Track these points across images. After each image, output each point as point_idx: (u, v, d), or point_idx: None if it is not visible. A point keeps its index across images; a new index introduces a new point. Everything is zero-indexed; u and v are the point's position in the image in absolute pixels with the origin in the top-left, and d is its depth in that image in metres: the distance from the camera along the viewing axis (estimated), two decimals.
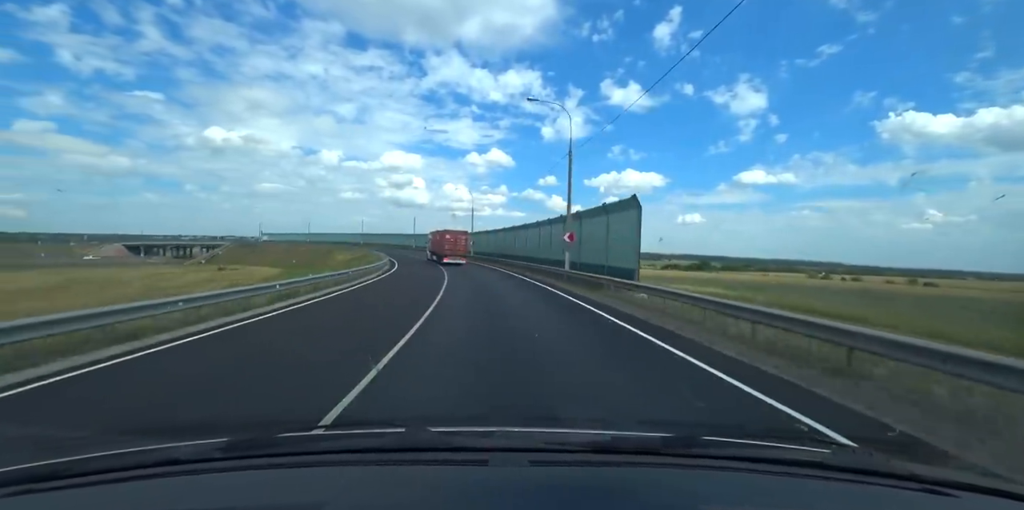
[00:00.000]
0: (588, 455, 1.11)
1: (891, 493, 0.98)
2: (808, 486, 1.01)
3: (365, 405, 4.36)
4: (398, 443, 1.17)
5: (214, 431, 1.27)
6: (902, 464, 1.12)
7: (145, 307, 7.68)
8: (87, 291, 19.62)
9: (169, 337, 7.39)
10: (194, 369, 5.85)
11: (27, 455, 1.08)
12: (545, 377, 5.74)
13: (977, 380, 4.59)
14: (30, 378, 5.13)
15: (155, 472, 1.00)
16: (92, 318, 6.57)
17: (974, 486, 1.01)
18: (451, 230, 37.66)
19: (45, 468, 1.01)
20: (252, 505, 0.88)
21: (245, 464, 1.05)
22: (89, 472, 0.99)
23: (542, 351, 7.26)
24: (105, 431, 3.58)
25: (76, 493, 0.93)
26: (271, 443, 1.19)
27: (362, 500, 0.89)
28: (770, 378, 5.94)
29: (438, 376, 5.70)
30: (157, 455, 1.07)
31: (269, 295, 11.96)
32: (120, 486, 0.95)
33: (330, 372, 5.52)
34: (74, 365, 5.65)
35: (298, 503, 0.88)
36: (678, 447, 1.19)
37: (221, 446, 1.10)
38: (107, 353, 6.25)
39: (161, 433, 1.42)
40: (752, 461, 1.09)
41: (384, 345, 6.79)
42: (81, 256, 77.70)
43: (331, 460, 1.08)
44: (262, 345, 7.41)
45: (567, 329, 9.76)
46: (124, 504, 0.91)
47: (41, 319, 5.95)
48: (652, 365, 6.70)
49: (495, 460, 1.03)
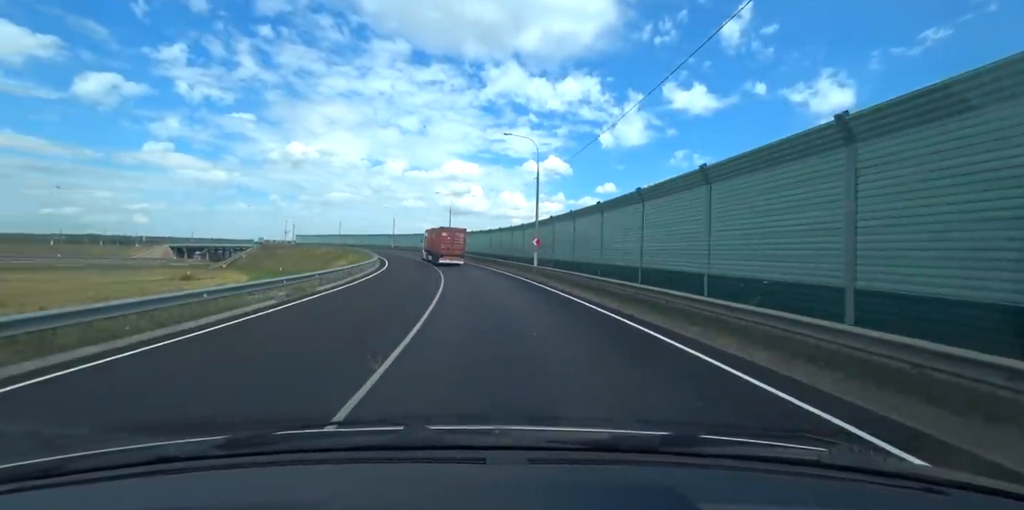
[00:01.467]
0: (586, 453, 1.12)
1: (888, 492, 0.98)
2: (806, 484, 1.01)
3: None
4: (397, 441, 1.17)
5: (212, 429, 1.27)
6: (899, 462, 1.23)
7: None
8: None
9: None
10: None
11: (23, 452, 1.05)
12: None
13: None
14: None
15: (151, 470, 0.98)
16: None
17: (970, 485, 1.00)
18: (448, 228, 34.78)
19: (38, 466, 0.99)
20: (249, 503, 0.87)
21: (243, 462, 1.04)
22: (83, 470, 0.98)
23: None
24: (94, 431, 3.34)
25: (69, 491, 0.92)
26: (269, 441, 1.18)
27: (360, 498, 0.89)
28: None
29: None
30: (153, 453, 1.06)
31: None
32: (114, 484, 0.94)
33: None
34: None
35: (296, 501, 0.86)
36: (676, 446, 1.18)
37: (219, 444, 1.09)
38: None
39: (158, 431, 1.39)
40: (750, 460, 1.10)
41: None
42: (131, 256, 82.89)
43: (329, 458, 1.07)
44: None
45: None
46: (118, 502, 0.89)
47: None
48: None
49: (493, 458, 1.03)
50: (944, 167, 6.12)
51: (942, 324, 5.76)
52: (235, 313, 9.72)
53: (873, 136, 7.19)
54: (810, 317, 6.86)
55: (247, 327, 8.56)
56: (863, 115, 7.35)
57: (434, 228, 36.72)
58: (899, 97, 6.76)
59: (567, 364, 6.22)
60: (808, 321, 6.75)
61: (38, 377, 5.11)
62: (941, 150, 6.18)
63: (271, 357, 6.27)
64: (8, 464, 0.99)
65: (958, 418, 4.10)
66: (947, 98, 6.09)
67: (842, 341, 6.02)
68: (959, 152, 5.96)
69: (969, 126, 5.89)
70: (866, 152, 7.31)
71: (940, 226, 6.11)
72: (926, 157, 6.37)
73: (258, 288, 12.15)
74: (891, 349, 5.32)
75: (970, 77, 5.82)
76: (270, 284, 12.79)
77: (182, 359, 6.17)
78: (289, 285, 13.64)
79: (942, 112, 6.18)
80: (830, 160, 7.98)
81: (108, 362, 5.80)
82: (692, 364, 6.48)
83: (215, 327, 8.32)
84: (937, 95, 6.18)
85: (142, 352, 6.35)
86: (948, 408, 4.26)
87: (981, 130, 5.72)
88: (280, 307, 11.12)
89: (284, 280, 13.63)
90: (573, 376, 5.61)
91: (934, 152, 6.27)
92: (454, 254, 32.44)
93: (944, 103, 6.14)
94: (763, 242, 9.64)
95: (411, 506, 0.86)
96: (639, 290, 12.90)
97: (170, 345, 6.83)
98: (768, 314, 7.62)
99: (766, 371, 5.97)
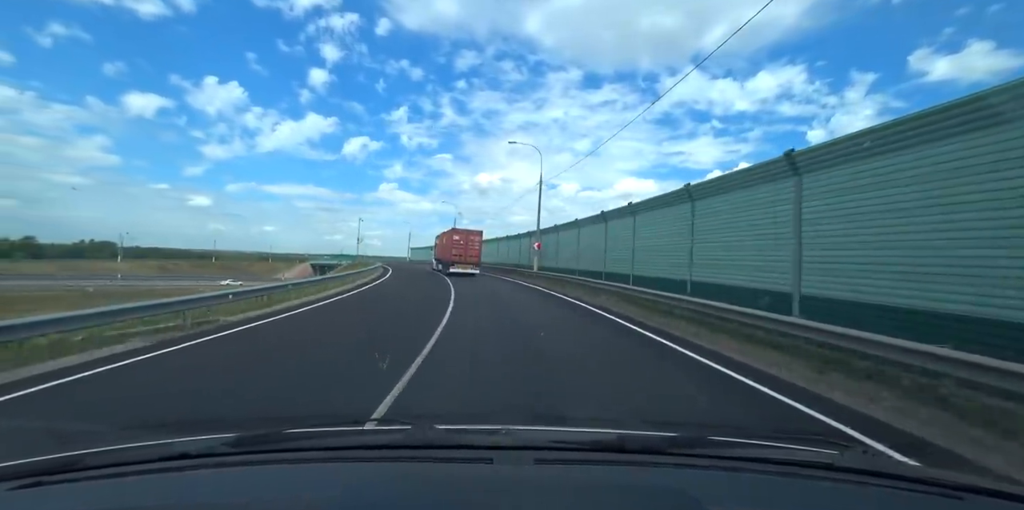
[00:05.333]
0: (593, 454, 1.12)
1: (899, 495, 0.97)
2: (816, 487, 1.00)
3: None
4: (404, 440, 1.17)
5: (223, 427, 1.28)
6: (910, 466, 1.15)
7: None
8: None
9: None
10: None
11: (41, 447, 1.13)
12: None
13: None
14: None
15: (164, 466, 1.01)
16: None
17: (982, 489, 0.99)
18: (460, 230, 28.61)
19: (55, 461, 1.03)
20: (259, 500, 0.88)
21: (253, 459, 1.06)
22: (99, 466, 1.01)
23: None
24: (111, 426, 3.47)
25: (86, 486, 0.95)
26: (279, 439, 1.20)
27: (367, 496, 0.89)
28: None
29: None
30: (166, 449, 1.08)
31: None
32: (129, 480, 0.96)
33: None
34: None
35: (305, 498, 0.88)
36: (684, 447, 1.18)
37: (230, 441, 1.11)
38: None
39: (171, 428, 1.44)
40: (759, 462, 1.09)
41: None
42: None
43: (338, 456, 1.09)
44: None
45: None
46: (133, 497, 0.91)
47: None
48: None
49: (500, 458, 1.04)
50: (858, 199, 7.84)
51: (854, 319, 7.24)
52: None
53: (810, 170, 8.94)
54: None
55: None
56: (804, 152, 9.09)
57: (445, 231, 30.47)
58: (830, 140, 8.56)
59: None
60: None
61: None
62: (859, 184, 7.84)
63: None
64: (29, 459, 1.03)
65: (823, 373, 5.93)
66: (854, 145, 7.87)
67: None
68: (872, 187, 7.66)
69: (868, 169, 7.71)
70: (808, 182, 9.01)
71: (857, 247, 7.83)
72: (848, 189, 8.10)
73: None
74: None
75: (875, 129, 7.59)
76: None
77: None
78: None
79: (854, 156, 7.89)
80: (782, 188, 9.74)
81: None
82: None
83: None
84: (856, 140, 7.89)
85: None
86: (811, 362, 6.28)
87: (891, 170, 7.33)
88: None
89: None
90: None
91: (854, 186, 7.94)
92: (467, 262, 27.02)
93: (852, 149, 7.90)
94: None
95: (418, 505, 0.86)
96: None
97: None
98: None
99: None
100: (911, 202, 6.94)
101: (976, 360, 4.60)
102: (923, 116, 6.76)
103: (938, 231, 6.52)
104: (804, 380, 5.70)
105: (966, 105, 6.17)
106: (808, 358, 6.55)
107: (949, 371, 4.83)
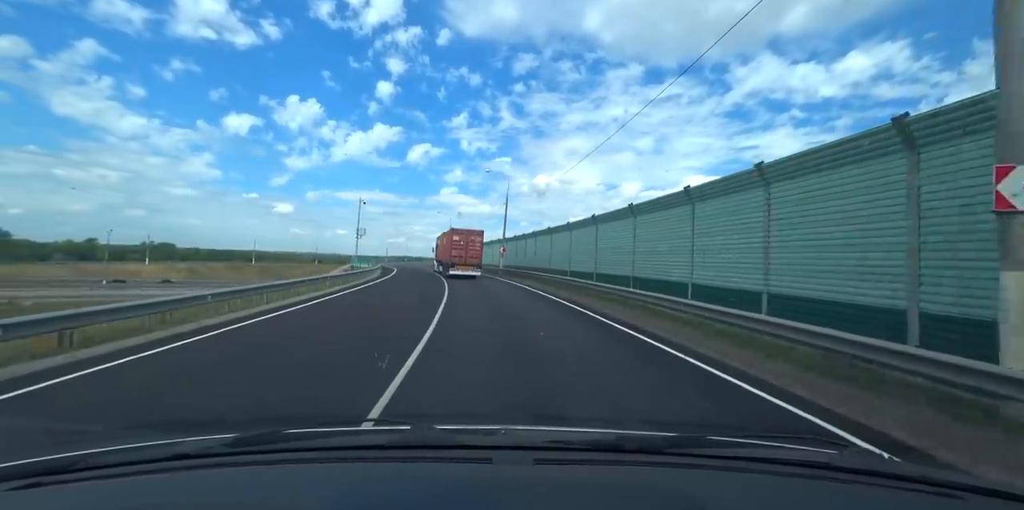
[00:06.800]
0: (592, 454, 1.12)
1: (898, 495, 0.97)
2: (815, 487, 1.00)
3: None
4: (403, 440, 1.18)
5: (222, 427, 1.18)
6: (910, 466, 1.15)
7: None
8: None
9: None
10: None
11: (38, 448, 1.07)
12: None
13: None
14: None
15: (162, 467, 1.01)
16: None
17: (982, 489, 1.00)
18: (460, 230, 27.29)
19: (53, 462, 1.02)
20: (259, 500, 0.89)
21: (251, 460, 1.05)
22: (97, 466, 1.00)
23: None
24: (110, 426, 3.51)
25: (85, 486, 0.94)
26: (277, 439, 1.19)
27: (366, 496, 0.90)
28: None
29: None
30: (164, 450, 1.08)
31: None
32: (127, 480, 0.96)
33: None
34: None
35: (303, 498, 0.87)
36: (683, 447, 1.18)
37: (228, 442, 1.12)
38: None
39: (169, 428, 1.41)
40: (758, 461, 1.09)
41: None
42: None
43: (337, 456, 1.08)
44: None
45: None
46: (131, 497, 0.90)
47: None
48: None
49: (499, 458, 1.03)
50: (812, 209, 8.93)
51: (810, 314, 8.40)
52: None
53: (775, 181, 10.00)
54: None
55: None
56: (771, 165, 10.11)
57: (446, 232, 29.10)
58: (794, 154, 9.57)
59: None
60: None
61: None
62: (808, 197, 9.01)
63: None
64: (26, 460, 1.02)
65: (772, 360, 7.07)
66: (810, 161, 8.95)
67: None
68: (814, 199, 8.84)
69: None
70: (775, 191, 10.06)
71: (809, 250, 8.91)
72: (801, 199, 9.24)
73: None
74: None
75: (825, 147, 8.61)
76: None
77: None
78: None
79: (808, 170, 9.01)
80: (754, 196, 10.80)
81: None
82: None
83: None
84: (810, 156, 8.95)
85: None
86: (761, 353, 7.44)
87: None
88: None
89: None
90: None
91: (805, 197, 9.11)
92: (468, 263, 26.24)
93: (809, 163, 8.98)
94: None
95: (417, 505, 0.86)
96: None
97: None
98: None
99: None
100: (826, 215, 8.59)
101: (835, 334, 6.42)
102: (850, 141, 8.07)
103: (835, 239, 8.35)
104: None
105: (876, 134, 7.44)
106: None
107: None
